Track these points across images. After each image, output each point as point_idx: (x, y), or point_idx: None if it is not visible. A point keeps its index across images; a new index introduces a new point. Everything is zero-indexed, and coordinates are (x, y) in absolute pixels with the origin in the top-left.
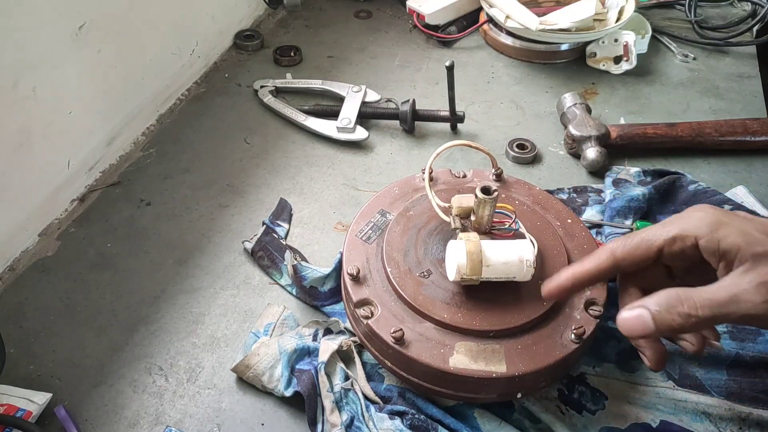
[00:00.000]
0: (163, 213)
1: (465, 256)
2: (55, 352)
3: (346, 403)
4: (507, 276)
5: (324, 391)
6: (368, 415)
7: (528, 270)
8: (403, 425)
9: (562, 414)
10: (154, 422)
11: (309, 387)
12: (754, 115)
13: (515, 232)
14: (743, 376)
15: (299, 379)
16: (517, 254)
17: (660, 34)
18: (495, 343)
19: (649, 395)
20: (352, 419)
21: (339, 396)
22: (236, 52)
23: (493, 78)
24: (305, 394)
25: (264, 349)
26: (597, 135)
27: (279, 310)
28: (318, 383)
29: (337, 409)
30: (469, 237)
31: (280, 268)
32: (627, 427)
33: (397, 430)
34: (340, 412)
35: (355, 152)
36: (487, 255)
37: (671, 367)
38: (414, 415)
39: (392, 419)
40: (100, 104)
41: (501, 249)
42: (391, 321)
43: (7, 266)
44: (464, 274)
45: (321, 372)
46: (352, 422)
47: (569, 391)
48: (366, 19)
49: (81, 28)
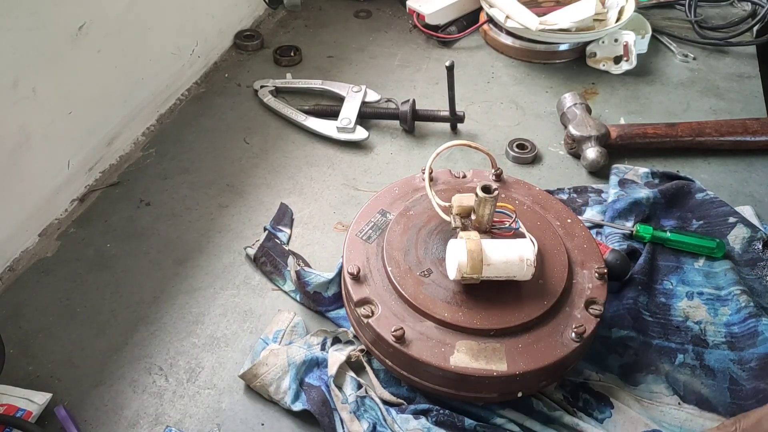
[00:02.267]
0: (162, 213)
1: (466, 255)
2: (54, 353)
3: (364, 411)
4: (507, 275)
5: (339, 404)
6: (391, 419)
7: (528, 269)
8: (429, 422)
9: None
10: (154, 422)
11: (320, 405)
12: (754, 115)
13: (515, 232)
14: (747, 382)
15: (309, 396)
16: (517, 253)
17: (660, 34)
18: (496, 341)
19: (653, 411)
20: (374, 426)
21: (355, 405)
22: (236, 52)
23: (493, 78)
24: (316, 414)
25: (272, 359)
26: (597, 135)
27: (289, 317)
28: (331, 397)
29: (357, 419)
30: (469, 236)
31: (283, 274)
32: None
33: (424, 428)
34: (360, 421)
35: (355, 152)
36: (487, 254)
37: (676, 384)
38: (439, 411)
39: (417, 418)
40: (100, 104)
41: (501, 248)
42: (392, 320)
43: (7, 266)
44: (465, 273)
45: (332, 386)
46: (375, 429)
47: (573, 398)
48: (366, 19)
49: (81, 28)
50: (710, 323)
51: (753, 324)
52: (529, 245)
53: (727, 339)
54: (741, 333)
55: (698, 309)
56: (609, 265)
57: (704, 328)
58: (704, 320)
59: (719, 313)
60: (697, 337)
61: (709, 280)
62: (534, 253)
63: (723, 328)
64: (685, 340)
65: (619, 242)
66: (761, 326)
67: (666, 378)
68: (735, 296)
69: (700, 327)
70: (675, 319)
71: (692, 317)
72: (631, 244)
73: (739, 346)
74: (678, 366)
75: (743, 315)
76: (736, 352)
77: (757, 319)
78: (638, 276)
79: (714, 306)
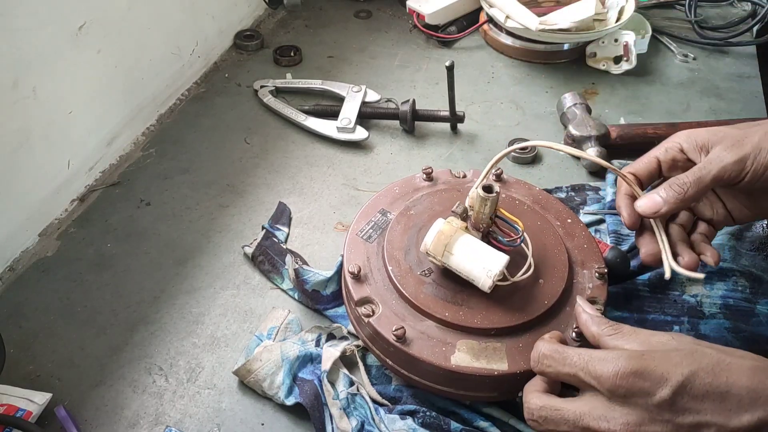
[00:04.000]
0: (162, 213)
1: (434, 234)
2: (54, 352)
3: (354, 408)
4: (467, 275)
5: (330, 399)
6: (378, 418)
7: (486, 281)
8: (416, 424)
9: None
10: (154, 422)
11: (312, 399)
12: (754, 115)
13: (515, 248)
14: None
15: (302, 389)
16: (484, 261)
17: (660, 34)
18: (496, 341)
19: None
20: (362, 424)
21: (345, 402)
22: (236, 52)
23: (493, 78)
24: (308, 407)
25: (266, 355)
26: (597, 135)
27: (283, 314)
28: (323, 392)
29: (346, 416)
30: (452, 222)
31: (281, 272)
32: None
33: (410, 429)
34: (349, 418)
35: (355, 152)
36: (455, 245)
37: None
38: (425, 412)
39: (404, 419)
40: (100, 104)
41: (474, 248)
42: (393, 319)
43: (7, 266)
44: (428, 250)
45: (324, 381)
46: (363, 427)
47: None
48: (366, 19)
49: (81, 28)
50: (706, 296)
51: (748, 307)
52: (500, 260)
53: (722, 310)
54: (736, 308)
55: (696, 282)
56: (609, 263)
57: (701, 301)
58: (701, 294)
59: (715, 287)
60: (693, 309)
61: None
62: (499, 271)
63: (719, 300)
64: (681, 312)
65: (617, 239)
66: (757, 309)
67: None
68: (734, 277)
69: (697, 300)
70: (672, 293)
71: (689, 291)
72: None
73: (733, 317)
74: None
75: (739, 296)
76: (731, 321)
77: (752, 304)
78: None
79: (712, 281)
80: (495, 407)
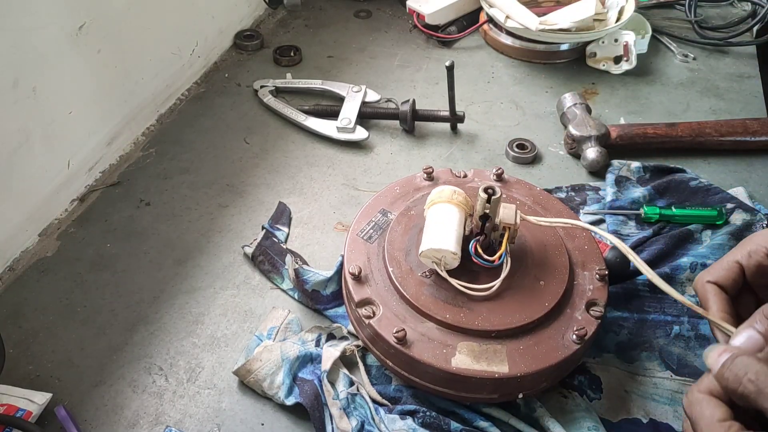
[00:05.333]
0: (162, 213)
1: (439, 188)
2: (54, 353)
3: (354, 408)
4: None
5: (330, 399)
6: (378, 418)
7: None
8: (416, 424)
9: (564, 398)
10: (154, 422)
11: (312, 399)
12: (754, 115)
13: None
14: None
15: (302, 389)
16: (436, 234)
17: (660, 34)
18: (497, 343)
19: (646, 385)
20: (362, 424)
21: (345, 402)
22: (236, 52)
23: (493, 78)
24: (308, 407)
25: (266, 355)
26: (597, 135)
27: (283, 314)
28: (322, 392)
29: (346, 416)
30: (458, 195)
31: (281, 272)
32: (618, 421)
33: (410, 429)
34: (349, 418)
35: (355, 152)
36: (436, 208)
37: (670, 358)
38: (425, 412)
39: (404, 419)
40: (100, 104)
41: (442, 221)
42: (393, 321)
43: (7, 266)
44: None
45: (324, 381)
46: (363, 427)
47: (569, 378)
48: (366, 19)
49: (81, 28)
50: None
51: None
52: (443, 243)
53: None
54: None
55: None
56: (609, 263)
57: None
58: None
59: None
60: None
61: (714, 251)
62: (427, 249)
63: None
64: (681, 312)
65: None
66: None
67: (659, 354)
68: None
69: (697, 300)
70: None
71: (689, 291)
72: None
73: None
74: (673, 338)
75: None
76: None
77: None
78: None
79: None
80: (495, 407)
